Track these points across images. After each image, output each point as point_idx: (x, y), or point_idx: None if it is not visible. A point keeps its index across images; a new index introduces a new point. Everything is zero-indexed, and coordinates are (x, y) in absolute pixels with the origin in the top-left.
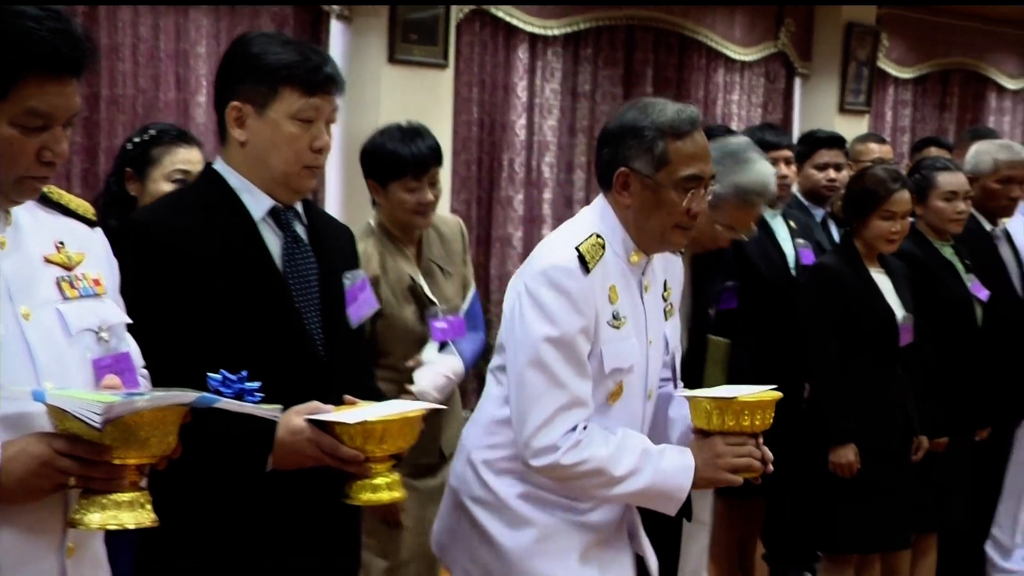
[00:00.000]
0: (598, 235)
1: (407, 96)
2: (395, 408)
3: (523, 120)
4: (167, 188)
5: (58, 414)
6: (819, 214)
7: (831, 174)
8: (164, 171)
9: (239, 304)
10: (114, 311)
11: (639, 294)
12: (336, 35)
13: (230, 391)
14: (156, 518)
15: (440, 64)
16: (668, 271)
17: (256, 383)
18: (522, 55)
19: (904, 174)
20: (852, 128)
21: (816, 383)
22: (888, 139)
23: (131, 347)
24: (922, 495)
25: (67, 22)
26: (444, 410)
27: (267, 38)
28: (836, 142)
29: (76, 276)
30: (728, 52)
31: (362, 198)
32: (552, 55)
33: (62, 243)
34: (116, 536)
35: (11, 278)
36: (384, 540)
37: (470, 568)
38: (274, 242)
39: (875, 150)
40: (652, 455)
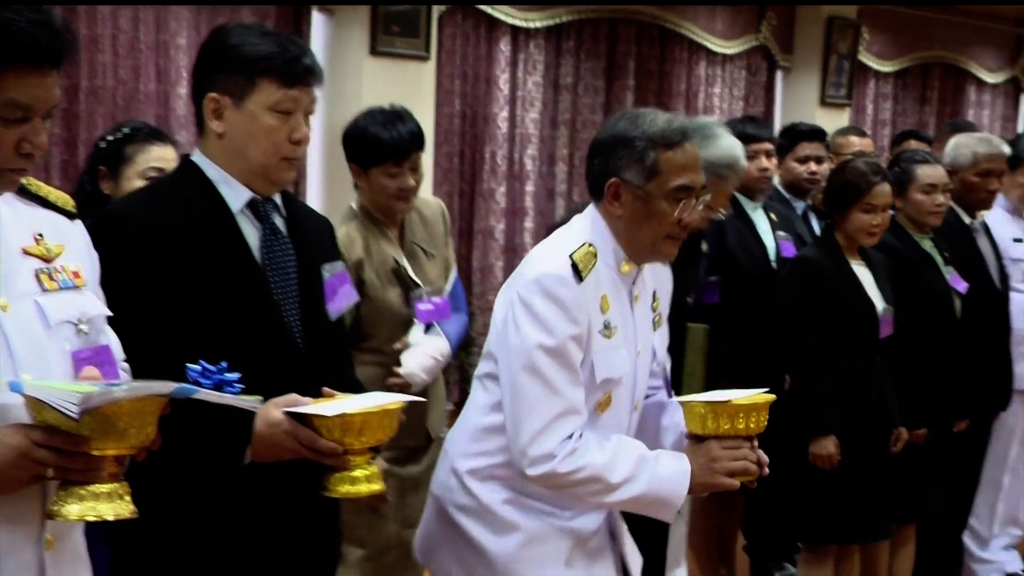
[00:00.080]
0: (590, 244)
1: (389, 88)
2: (374, 400)
3: (505, 113)
4: (141, 186)
5: (36, 405)
6: (800, 207)
7: (812, 167)
8: (138, 169)
9: (217, 296)
10: (94, 303)
11: (629, 304)
12: (318, 27)
13: (209, 382)
14: (135, 509)
15: (422, 56)
16: (657, 281)
17: (236, 374)
18: (504, 48)
19: (884, 167)
20: (833, 121)
21: (797, 375)
22: (869, 132)
23: (111, 340)
24: (901, 486)
25: (47, 14)
26: (432, 394)
27: (245, 29)
28: (817, 135)
29: (55, 268)
30: (710, 45)
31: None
32: (534, 48)
33: (41, 235)
34: (93, 528)
35: None
36: (362, 529)
37: (456, 574)
38: (252, 234)
39: (856, 143)
40: (648, 461)
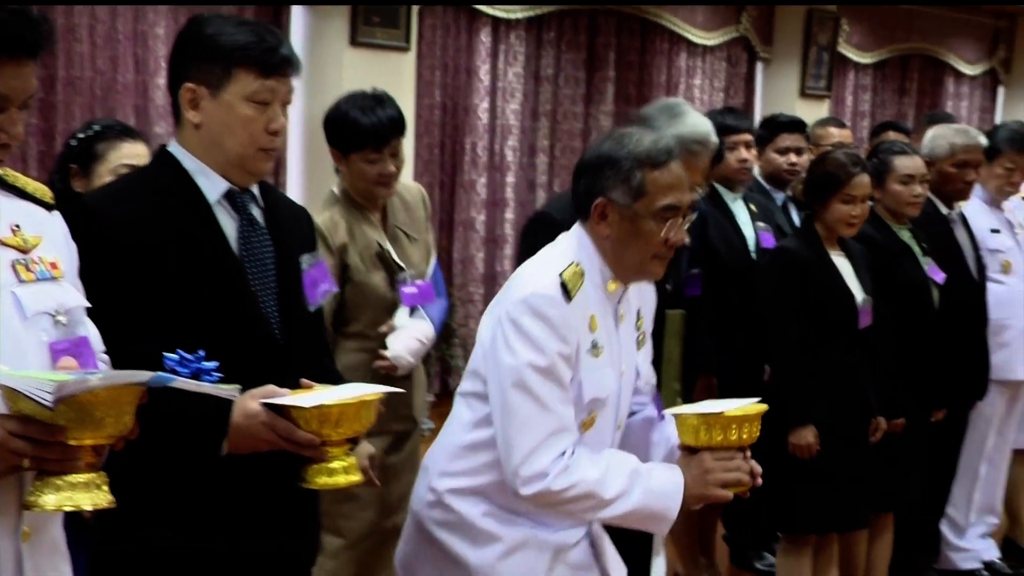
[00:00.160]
0: (577, 264)
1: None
2: (352, 392)
3: (486, 104)
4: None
5: (10, 395)
6: (780, 198)
7: (792, 158)
8: (110, 166)
9: (194, 288)
10: (72, 295)
11: (614, 324)
12: (298, 17)
13: (187, 370)
14: (113, 499)
15: (402, 47)
16: (642, 299)
17: (213, 363)
18: (485, 38)
19: (863, 158)
20: (813, 112)
21: (776, 365)
22: (848, 123)
23: (90, 331)
24: (880, 476)
25: (23, 3)
26: (415, 378)
27: (221, 19)
28: (797, 126)
29: (32, 259)
30: (690, 36)
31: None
32: (515, 39)
33: (18, 226)
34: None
35: None
36: (341, 518)
37: None
38: (230, 225)
39: (835, 134)
40: (641, 475)
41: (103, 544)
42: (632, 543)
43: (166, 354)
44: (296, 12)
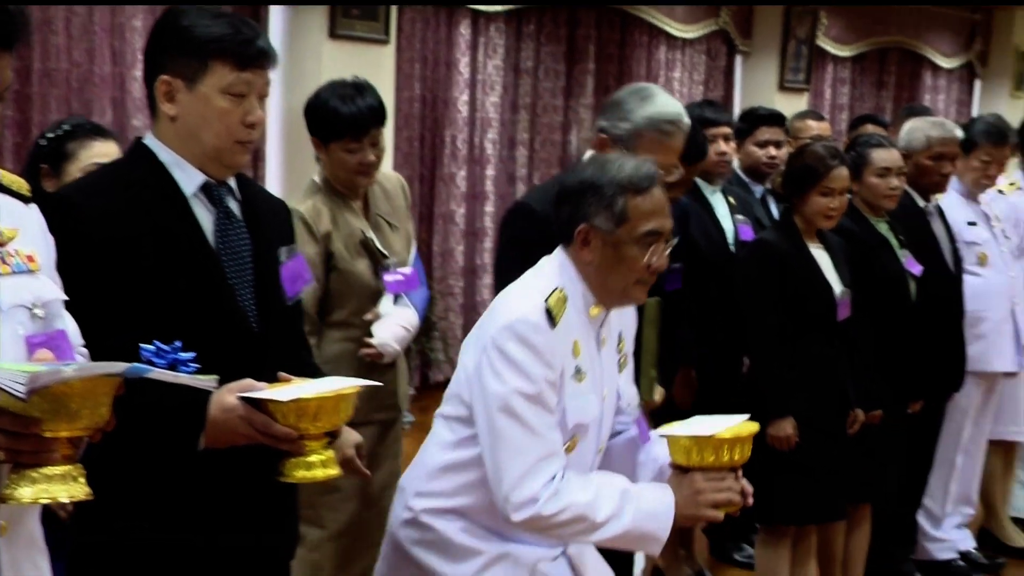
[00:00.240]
0: (561, 289)
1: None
2: (329, 385)
3: (465, 96)
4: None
5: None
6: (759, 190)
7: (771, 151)
8: (80, 165)
9: (170, 281)
10: (49, 287)
11: (596, 348)
12: (277, 10)
13: (163, 361)
14: (90, 491)
15: (381, 40)
16: (622, 322)
17: (190, 353)
18: (464, 31)
19: (842, 151)
20: (791, 105)
21: (755, 357)
22: (826, 116)
23: (68, 325)
24: (858, 467)
25: None
26: (399, 367)
27: (197, 10)
28: (776, 120)
29: (8, 252)
30: (670, 29)
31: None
32: (494, 31)
33: None
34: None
35: None
36: (323, 509)
37: None
38: (206, 218)
39: (814, 127)
40: (632, 496)
41: (81, 536)
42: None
43: (142, 345)
44: (275, 4)
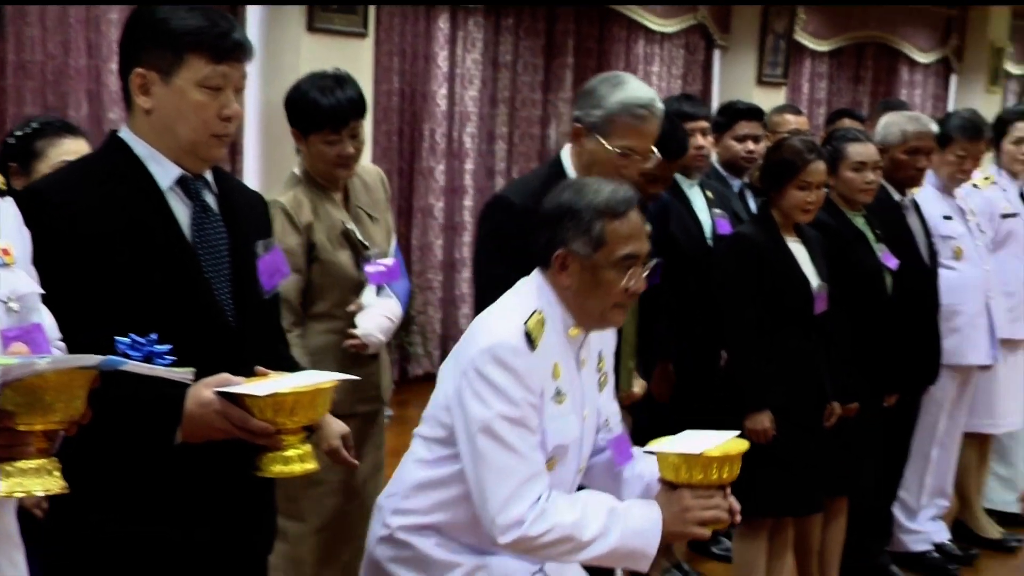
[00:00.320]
0: (540, 312)
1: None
2: (306, 379)
3: (444, 90)
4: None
5: None
6: (736, 184)
7: (750, 146)
8: (50, 163)
9: (145, 275)
10: (24, 281)
11: (576, 369)
12: (254, 3)
13: (139, 354)
14: (65, 485)
15: (360, 33)
16: (602, 341)
17: (166, 346)
18: (443, 25)
19: (819, 145)
20: (769, 100)
21: (732, 351)
22: (804, 111)
23: (44, 319)
24: (834, 460)
25: None
26: (382, 359)
27: (173, 3)
28: (755, 114)
29: None
30: (648, 24)
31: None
32: (473, 25)
33: None
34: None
35: None
36: (305, 502)
37: None
38: (182, 212)
39: (791, 121)
40: (619, 514)
41: (56, 530)
42: None
43: (117, 338)
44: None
